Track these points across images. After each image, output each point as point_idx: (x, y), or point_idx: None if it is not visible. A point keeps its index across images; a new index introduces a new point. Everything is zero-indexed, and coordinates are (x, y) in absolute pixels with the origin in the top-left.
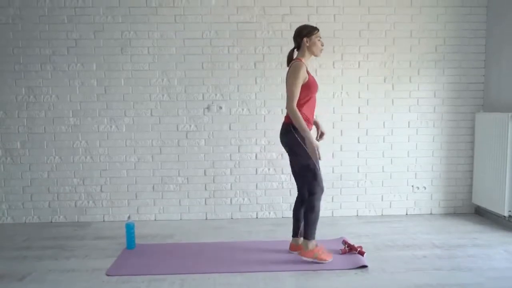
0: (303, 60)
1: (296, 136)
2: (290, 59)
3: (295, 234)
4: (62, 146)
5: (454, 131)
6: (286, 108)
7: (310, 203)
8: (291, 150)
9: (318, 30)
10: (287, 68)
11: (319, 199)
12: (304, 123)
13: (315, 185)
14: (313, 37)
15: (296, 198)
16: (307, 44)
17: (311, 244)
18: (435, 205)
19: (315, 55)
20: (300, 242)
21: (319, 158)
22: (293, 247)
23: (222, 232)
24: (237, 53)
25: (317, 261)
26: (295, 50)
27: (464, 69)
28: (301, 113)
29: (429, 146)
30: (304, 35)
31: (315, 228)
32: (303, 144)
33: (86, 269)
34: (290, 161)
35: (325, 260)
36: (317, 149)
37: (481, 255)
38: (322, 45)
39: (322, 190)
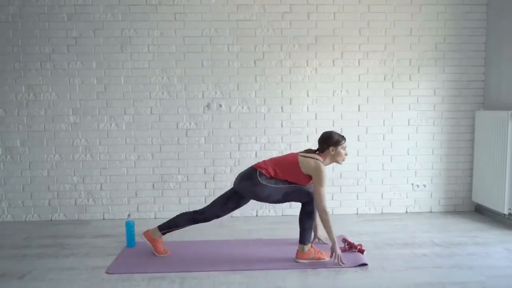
0: (324, 161)
1: (259, 180)
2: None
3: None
4: (62, 144)
5: (454, 129)
6: (318, 208)
7: (307, 208)
8: (257, 196)
9: (345, 140)
10: (308, 159)
11: (315, 204)
12: (332, 227)
13: (303, 196)
14: (339, 147)
15: (301, 205)
16: (332, 153)
17: (307, 247)
18: (435, 203)
19: (338, 163)
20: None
21: (341, 263)
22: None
23: (222, 230)
24: (237, 51)
25: (315, 261)
26: (317, 152)
27: (464, 67)
28: (275, 175)
29: (429, 144)
30: (331, 144)
31: (311, 233)
32: (266, 183)
33: (86, 267)
34: (271, 202)
35: (323, 258)
36: (340, 255)
37: (481, 253)
38: (346, 155)
39: (313, 193)
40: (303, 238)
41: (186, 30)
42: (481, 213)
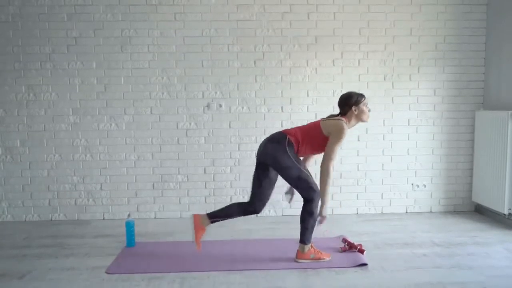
0: (348, 123)
1: (287, 149)
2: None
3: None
4: (62, 144)
5: (454, 129)
6: (322, 164)
7: (309, 209)
8: (276, 162)
9: (365, 97)
10: (331, 119)
11: (317, 205)
12: (328, 188)
13: (310, 192)
14: (361, 105)
15: (303, 202)
16: (355, 113)
17: (307, 247)
18: (435, 203)
19: (363, 121)
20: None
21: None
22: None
23: (222, 230)
24: (237, 51)
25: (315, 261)
26: (339, 115)
27: (464, 67)
28: (301, 143)
29: (429, 144)
30: (352, 103)
31: (312, 233)
32: (291, 156)
33: (86, 267)
34: (281, 175)
35: (323, 258)
36: (324, 218)
37: (481, 253)
38: (369, 111)
39: (319, 194)
40: (304, 238)
41: (186, 30)
42: (481, 213)
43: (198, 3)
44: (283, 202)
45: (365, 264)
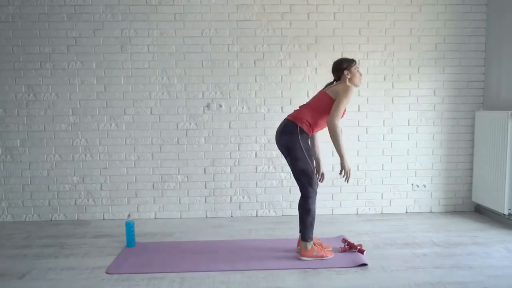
0: None
1: (300, 139)
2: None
3: None
4: (62, 144)
5: (454, 129)
6: (328, 122)
7: (306, 206)
8: (290, 153)
9: (355, 62)
10: (332, 85)
11: (314, 202)
12: (342, 141)
13: (309, 189)
14: (353, 69)
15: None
16: (348, 77)
17: (310, 244)
18: (435, 203)
19: (355, 86)
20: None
21: (347, 181)
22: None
23: (222, 230)
24: (237, 51)
25: (318, 259)
26: (334, 82)
27: (464, 67)
28: (314, 119)
29: (429, 144)
30: (344, 68)
31: (312, 229)
32: (303, 149)
33: (86, 267)
34: (288, 163)
35: (326, 256)
36: (349, 172)
37: (481, 253)
38: (361, 75)
39: (315, 194)
40: (305, 235)
41: (186, 30)
42: (481, 213)
43: (198, 3)
44: (283, 202)
45: (365, 264)
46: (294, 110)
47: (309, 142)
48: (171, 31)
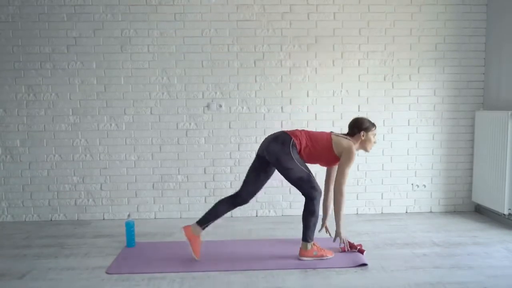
0: (355, 145)
1: (291, 151)
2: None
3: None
4: (62, 144)
5: (454, 129)
6: (336, 186)
7: (310, 207)
8: (280, 163)
9: (375, 127)
10: (341, 138)
11: (319, 203)
12: (343, 210)
13: (312, 192)
14: (370, 133)
15: (305, 201)
16: (362, 138)
17: (310, 244)
18: (435, 203)
19: (365, 150)
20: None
21: (347, 248)
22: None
23: (222, 230)
24: (237, 51)
25: (318, 258)
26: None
27: (464, 67)
28: (303, 149)
29: (429, 144)
30: (363, 128)
31: (314, 230)
32: (294, 159)
33: (86, 267)
34: (280, 173)
35: (326, 256)
36: (345, 239)
37: (481, 253)
38: (375, 142)
39: (320, 193)
40: (306, 236)
41: (186, 30)
42: (481, 213)
43: (198, 3)
44: (283, 202)
45: (365, 264)
46: (294, 129)
47: (298, 156)
48: (171, 31)
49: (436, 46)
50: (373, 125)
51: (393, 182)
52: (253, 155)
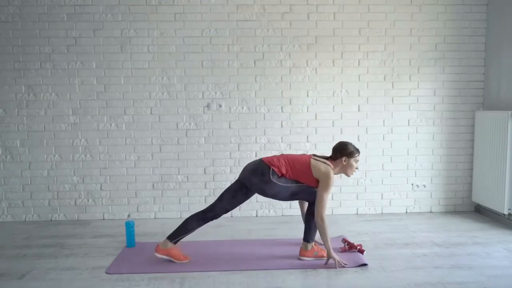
0: (334, 170)
1: (271, 178)
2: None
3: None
4: (61, 144)
5: (454, 129)
6: (316, 215)
7: (314, 210)
8: (266, 192)
9: (359, 153)
10: (319, 163)
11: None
12: (328, 234)
13: (312, 196)
14: (352, 159)
15: (308, 204)
16: (344, 163)
17: (310, 245)
18: (435, 203)
19: (346, 175)
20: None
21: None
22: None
23: (222, 230)
24: (237, 51)
25: (318, 259)
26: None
27: (464, 67)
28: (287, 172)
29: (429, 144)
30: (345, 154)
31: (316, 232)
32: (277, 182)
33: (86, 267)
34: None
35: (326, 256)
36: (339, 260)
37: (481, 253)
38: (357, 168)
39: None
40: (308, 236)
41: (186, 30)
42: (481, 213)
43: (198, 3)
44: (283, 202)
45: (365, 264)
46: (272, 156)
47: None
48: (171, 31)
49: (436, 46)
50: (357, 151)
51: (393, 182)
52: (253, 155)
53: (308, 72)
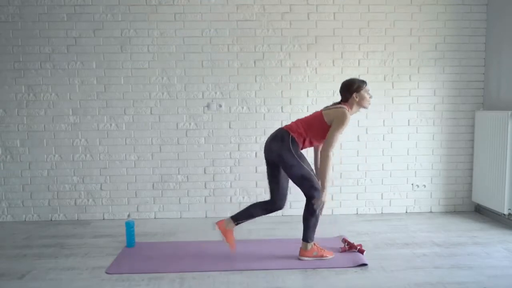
0: (350, 110)
1: (291, 146)
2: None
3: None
4: (61, 144)
5: (454, 129)
6: (322, 151)
7: (311, 207)
8: (281, 159)
9: (366, 83)
10: (332, 107)
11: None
12: (329, 174)
13: (312, 191)
14: (362, 91)
15: (306, 201)
16: (357, 100)
17: (310, 245)
18: (435, 203)
19: (364, 108)
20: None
21: (320, 211)
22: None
23: None
24: (237, 51)
25: (318, 259)
26: (340, 103)
27: (464, 67)
28: (305, 137)
29: (429, 144)
30: (353, 90)
31: (314, 231)
32: (295, 155)
33: (86, 267)
34: (284, 171)
35: (326, 256)
36: (323, 204)
37: (480, 253)
38: (371, 97)
39: (318, 196)
40: (307, 236)
41: (186, 30)
42: (481, 213)
43: (198, 3)
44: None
45: (365, 264)
46: (290, 123)
47: (301, 152)
48: (171, 31)
49: (436, 46)
50: (363, 82)
51: (393, 182)
52: (253, 155)
53: (308, 72)
